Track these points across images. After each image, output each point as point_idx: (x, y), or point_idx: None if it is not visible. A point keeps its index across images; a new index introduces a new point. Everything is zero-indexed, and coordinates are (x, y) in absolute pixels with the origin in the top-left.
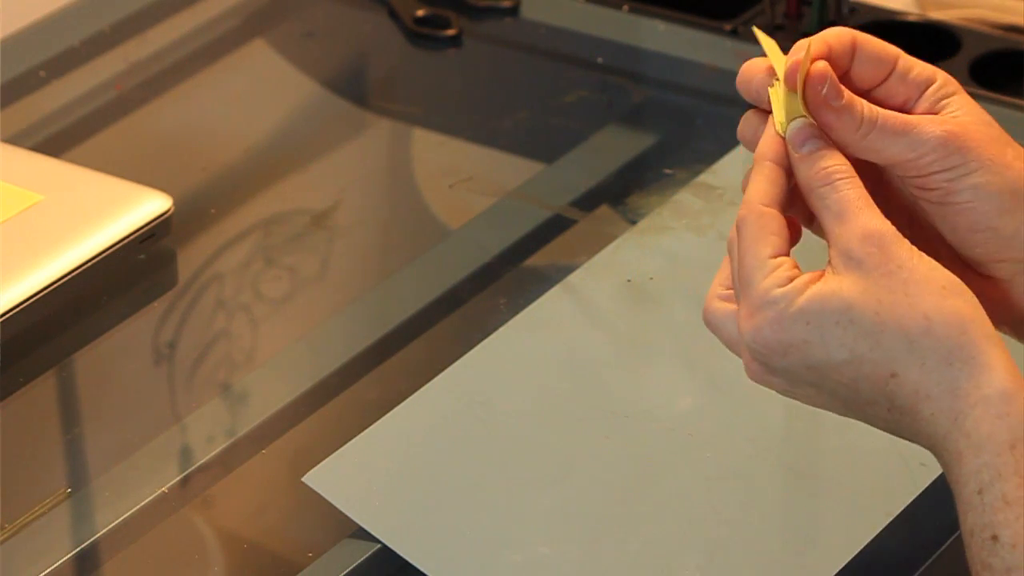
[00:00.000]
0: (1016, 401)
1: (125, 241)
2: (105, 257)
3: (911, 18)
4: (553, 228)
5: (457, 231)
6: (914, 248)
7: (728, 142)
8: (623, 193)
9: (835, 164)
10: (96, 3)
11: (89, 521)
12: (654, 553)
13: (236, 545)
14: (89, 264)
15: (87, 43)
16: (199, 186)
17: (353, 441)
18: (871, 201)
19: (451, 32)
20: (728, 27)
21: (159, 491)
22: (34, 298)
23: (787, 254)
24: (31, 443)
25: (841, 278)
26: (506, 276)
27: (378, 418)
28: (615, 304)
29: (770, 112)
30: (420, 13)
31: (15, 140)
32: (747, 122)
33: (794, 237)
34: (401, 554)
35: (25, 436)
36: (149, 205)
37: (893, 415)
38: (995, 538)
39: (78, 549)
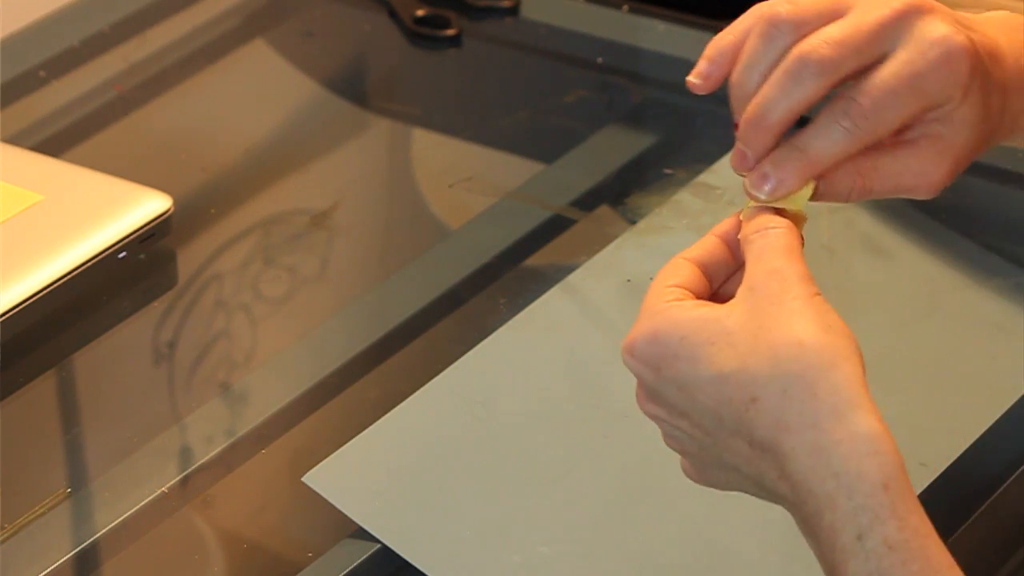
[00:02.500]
0: (885, 441)
1: (125, 241)
2: (105, 257)
3: None
4: (553, 228)
5: (457, 231)
6: (819, 294)
7: (728, 142)
8: (623, 193)
9: (773, 221)
10: (96, 3)
11: (89, 521)
12: (654, 553)
13: (236, 545)
14: (89, 264)
15: (87, 43)
16: (199, 186)
17: (353, 441)
18: (798, 252)
19: (451, 32)
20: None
21: (159, 491)
22: (34, 298)
23: (686, 287)
24: (31, 443)
25: (732, 307)
26: (506, 276)
27: (378, 418)
28: (615, 304)
29: None
30: (420, 13)
31: (15, 140)
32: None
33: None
34: (401, 554)
35: (25, 436)
36: (149, 205)
37: (755, 453)
38: None
39: (78, 549)
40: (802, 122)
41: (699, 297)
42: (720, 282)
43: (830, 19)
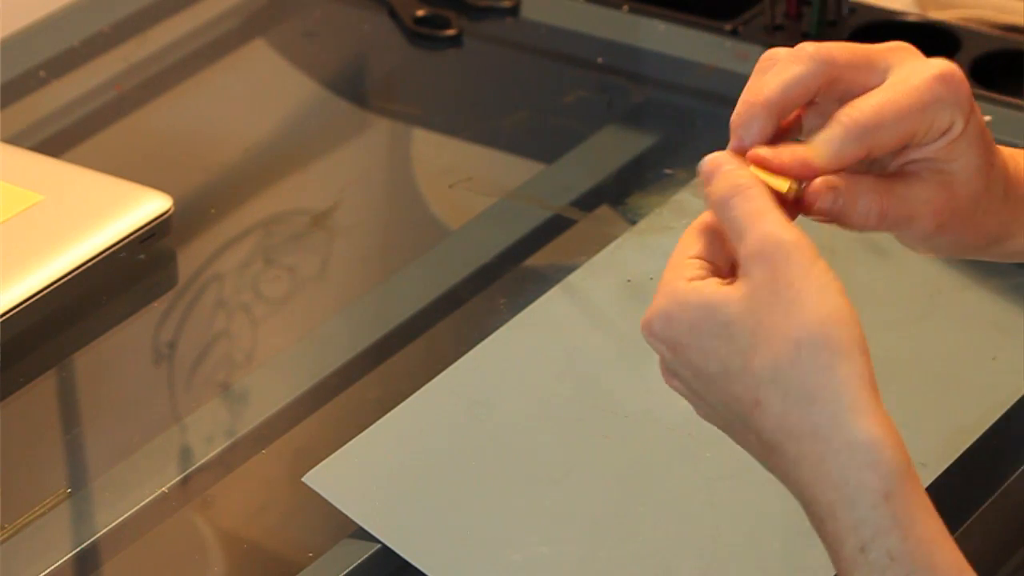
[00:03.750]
0: (885, 448)
1: (125, 241)
2: (105, 257)
3: (911, 18)
4: (553, 228)
5: (457, 231)
6: (813, 262)
7: (728, 142)
8: (623, 193)
9: (733, 181)
10: (96, 3)
11: (89, 521)
12: (654, 553)
13: (236, 545)
14: (89, 264)
15: (87, 43)
16: (199, 186)
17: (353, 441)
18: (772, 207)
19: (451, 32)
20: (728, 27)
21: (159, 491)
22: (34, 298)
23: (706, 258)
24: (31, 443)
25: (735, 288)
26: (506, 276)
27: (378, 418)
28: (615, 304)
29: None
30: (420, 13)
31: (15, 140)
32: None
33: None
34: (401, 554)
35: (25, 436)
36: (149, 205)
37: (764, 451)
38: None
39: (78, 549)
40: None
41: (719, 264)
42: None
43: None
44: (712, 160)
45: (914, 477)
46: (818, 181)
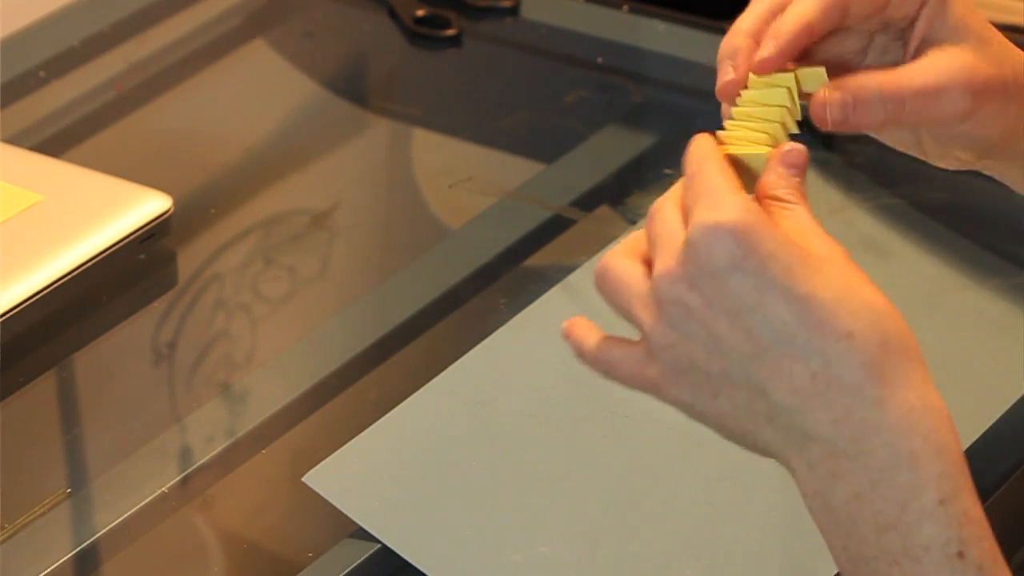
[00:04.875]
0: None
1: (125, 241)
2: (105, 257)
3: None
4: (553, 228)
5: (457, 231)
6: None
7: None
8: (623, 193)
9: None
10: (96, 3)
11: (89, 521)
12: (654, 553)
13: (236, 545)
14: (89, 264)
15: (87, 43)
16: (199, 186)
17: (353, 441)
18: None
19: (451, 32)
20: (728, 27)
21: (159, 491)
22: (34, 298)
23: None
24: (31, 443)
25: (816, 250)
26: (506, 276)
27: (378, 418)
28: None
29: None
30: (420, 13)
31: (15, 140)
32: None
33: None
34: (401, 554)
35: (25, 436)
36: (149, 205)
37: (815, 385)
38: (961, 555)
39: (78, 549)
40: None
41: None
42: None
43: None
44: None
45: None
46: (819, 93)
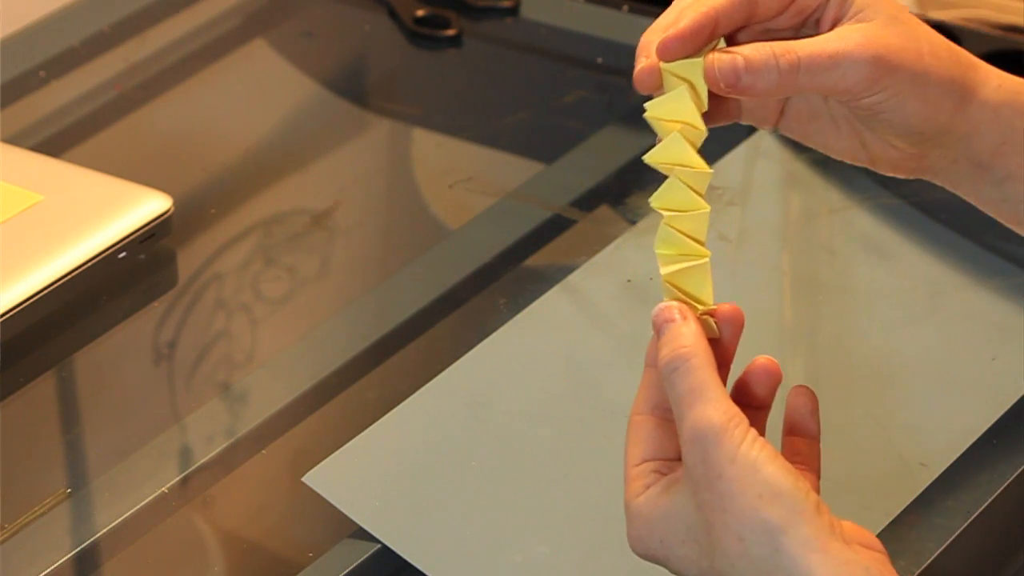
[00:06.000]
0: None
1: (125, 241)
2: (105, 257)
3: None
4: (553, 228)
5: (457, 231)
6: (740, 442)
7: (728, 142)
8: (623, 193)
9: (676, 347)
10: (96, 3)
11: (89, 521)
12: None
13: (236, 545)
14: (89, 264)
15: (87, 43)
16: (199, 186)
17: (353, 441)
18: (709, 383)
19: (451, 32)
20: None
21: (159, 491)
22: (34, 298)
23: (652, 457)
24: (31, 443)
25: (683, 487)
26: (506, 276)
27: (378, 418)
28: (615, 304)
29: None
30: (420, 13)
31: (15, 140)
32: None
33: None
34: (401, 554)
35: (25, 436)
36: (149, 205)
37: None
38: None
39: (78, 549)
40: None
41: (668, 450)
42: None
43: None
44: (661, 313)
45: None
46: (709, 55)
